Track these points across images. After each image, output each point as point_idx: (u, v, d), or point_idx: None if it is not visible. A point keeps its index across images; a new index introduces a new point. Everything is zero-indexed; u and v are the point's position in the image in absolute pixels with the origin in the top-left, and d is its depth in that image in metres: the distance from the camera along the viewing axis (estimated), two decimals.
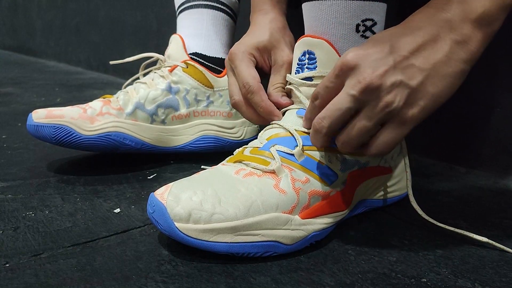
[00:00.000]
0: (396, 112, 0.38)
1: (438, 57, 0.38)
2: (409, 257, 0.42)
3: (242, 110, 0.54)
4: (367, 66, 0.38)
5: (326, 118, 0.40)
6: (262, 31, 0.55)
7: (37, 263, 0.39)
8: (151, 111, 0.65)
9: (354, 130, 0.40)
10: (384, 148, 0.40)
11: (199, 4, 0.70)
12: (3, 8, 2.53)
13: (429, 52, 0.38)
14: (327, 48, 0.45)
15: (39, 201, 0.53)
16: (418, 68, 0.38)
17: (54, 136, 0.60)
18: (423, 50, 0.38)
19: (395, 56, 0.38)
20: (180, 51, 0.68)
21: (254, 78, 0.52)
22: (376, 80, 0.37)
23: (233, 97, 0.54)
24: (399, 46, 0.38)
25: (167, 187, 0.41)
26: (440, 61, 0.38)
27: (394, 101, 0.38)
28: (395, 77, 0.38)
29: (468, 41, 0.39)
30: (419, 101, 0.39)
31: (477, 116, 0.66)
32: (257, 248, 0.40)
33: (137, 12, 1.41)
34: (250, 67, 0.53)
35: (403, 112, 0.39)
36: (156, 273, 0.38)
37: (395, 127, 0.39)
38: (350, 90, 0.38)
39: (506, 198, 0.58)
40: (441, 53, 0.38)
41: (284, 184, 0.42)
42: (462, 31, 0.38)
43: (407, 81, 0.38)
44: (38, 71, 1.74)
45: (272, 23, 0.56)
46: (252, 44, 0.54)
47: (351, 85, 0.38)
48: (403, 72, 0.38)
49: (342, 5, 0.44)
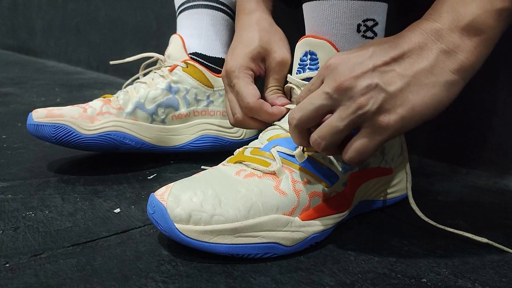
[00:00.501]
0: (369, 116, 0.37)
1: (422, 65, 0.37)
2: (409, 257, 0.42)
3: (247, 125, 0.53)
4: (345, 68, 0.38)
5: (297, 110, 0.40)
6: (251, 36, 0.55)
7: (37, 263, 0.39)
8: (151, 111, 0.65)
9: (325, 128, 0.39)
10: (356, 155, 0.39)
11: (199, 4, 0.70)
12: (3, 8, 2.53)
13: (413, 59, 0.37)
14: (329, 48, 0.45)
15: (39, 201, 0.53)
16: (399, 74, 0.37)
17: (54, 136, 0.60)
18: (406, 57, 0.37)
19: (375, 60, 0.37)
20: (180, 51, 0.68)
21: (254, 96, 0.51)
22: (350, 80, 0.37)
23: (235, 115, 0.53)
24: (382, 51, 0.38)
25: (167, 188, 0.41)
26: (424, 69, 0.37)
27: (367, 104, 0.37)
28: (371, 80, 0.37)
29: (456, 50, 0.37)
30: (397, 109, 0.37)
31: (477, 116, 0.66)
32: (257, 250, 0.40)
33: (137, 12, 1.41)
34: (248, 83, 0.53)
35: (378, 118, 0.37)
36: (156, 273, 0.38)
37: (369, 133, 0.38)
38: (325, 88, 0.38)
39: (506, 198, 0.58)
40: (426, 61, 0.37)
41: (284, 186, 0.42)
42: (450, 40, 0.37)
43: (384, 85, 0.37)
44: (38, 71, 1.74)
45: (259, 24, 0.55)
46: (245, 55, 0.54)
47: (327, 83, 0.38)
48: (381, 77, 0.37)
49: (343, 5, 0.44)
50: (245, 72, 0.53)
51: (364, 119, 0.37)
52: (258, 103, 0.51)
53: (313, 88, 0.40)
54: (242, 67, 0.53)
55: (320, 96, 0.38)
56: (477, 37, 0.37)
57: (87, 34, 1.72)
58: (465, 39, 0.37)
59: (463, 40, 0.37)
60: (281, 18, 0.62)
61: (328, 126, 0.38)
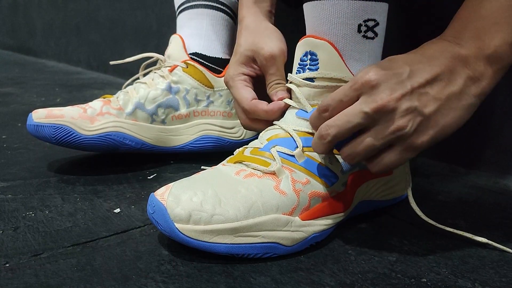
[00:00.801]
0: (406, 137, 0.39)
1: (452, 89, 0.39)
2: (409, 257, 0.42)
3: (253, 127, 0.55)
4: (386, 87, 0.38)
5: (334, 127, 0.40)
6: (238, 43, 0.57)
7: (37, 263, 0.39)
8: (151, 111, 0.65)
9: (361, 146, 0.40)
10: (386, 168, 0.41)
11: (199, 4, 0.70)
12: (3, 8, 2.53)
13: (445, 83, 0.39)
14: (329, 49, 0.45)
15: (39, 201, 0.53)
16: (433, 97, 0.39)
17: (54, 136, 0.60)
18: (439, 80, 0.39)
19: (412, 82, 0.38)
20: (180, 51, 0.68)
21: (247, 98, 0.53)
22: (392, 102, 0.38)
23: (241, 120, 0.56)
24: (418, 72, 0.39)
25: (167, 188, 0.41)
26: (454, 93, 0.39)
27: (407, 126, 0.38)
28: (411, 102, 0.38)
29: (480, 77, 0.40)
30: (429, 130, 0.39)
31: (477, 116, 0.65)
32: (257, 250, 0.40)
33: (137, 12, 1.41)
34: (241, 88, 0.55)
35: (412, 138, 0.39)
36: (156, 273, 0.38)
37: (402, 151, 0.40)
38: (364, 107, 0.38)
39: (506, 198, 0.58)
40: (456, 86, 0.39)
41: (284, 186, 0.42)
42: (476, 68, 0.39)
43: (421, 108, 0.38)
44: (38, 71, 1.74)
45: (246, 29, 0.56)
46: (235, 63, 0.56)
47: (366, 102, 0.38)
48: (418, 99, 0.38)
49: (344, 5, 0.44)
50: (238, 78, 0.55)
51: (400, 139, 0.39)
52: (252, 104, 0.52)
53: (346, 100, 0.40)
54: (233, 75, 0.56)
55: (358, 114, 0.39)
56: (497, 66, 0.40)
57: (87, 34, 1.73)
58: (488, 67, 0.40)
59: (486, 68, 0.40)
60: (281, 18, 0.62)
61: (365, 145, 0.39)
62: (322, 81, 0.45)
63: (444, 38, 0.41)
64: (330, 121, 0.40)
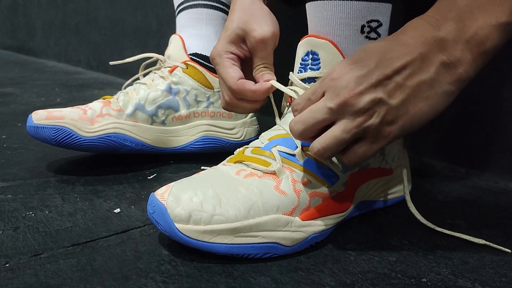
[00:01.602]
0: (373, 128, 0.38)
1: (423, 77, 0.38)
2: (409, 257, 0.42)
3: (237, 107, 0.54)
4: (348, 82, 0.38)
5: (300, 123, 0.40)
6: (230, 19, 0.55)
7: (37, 263, 0.39)
8: (151, 112, 0.65)
9: (329, 140, 0.39)
10: (359, 160, 0.40)
11: (199, 4, 0.70)
12: (3, 8, 2.53)
13: (414, 71, 0.38)
14: (331, 49, 0.45)
15: (39, 201, 0.53)
16: (400, 85, 0.38)
17: (54, 138, 0.60)
18: (408, 68, 0.38)
19: (378, 74, 0.37)
20: (180, 52, 0.68)
21: (233, 78, 0.52)
22: (354, 97, 0.37)
23: (224, 98, 0.54)
24: (385, 63, 0.38)
25: (168, 187, 0.41)
26: (424, 81, 0.38)
27: (371, 118, 0.38)
28: (375, 94, 0.37)
29: (456, 63, 0.38)
30: (398, 119, 0.38)
31: (477, 116, 0.66)
32: (257, 250, 0.40)
33: (137, 12, 1.41)
34: (227, 67, 0.53)
35: (380, 129, 0.38)
36: (156, 273, 0.38)
37: (370, 142, 0.39)
38: (328, 102, 0.38)
39: (506, 198, 0.58)
40: (427, 74, 0.38)
41: (284, 186, 0.42)
42: (452, 53, 0.38)
43: (387, 99, 0.37)
44: (38, 71, 1.74)
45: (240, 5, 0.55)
46: (224, 40, 0.54)
47: (329, 97, 0.38)
48: (384, 90, 0.37)
49: (347, 6, 0.44)
50: (225, 56, 0.54)
51: (367, 131, 0.38)
52: (239, 84, 0.51)
53: (313, 98, 0.40)
54: (222, 52, 0.54)
55: (322, 110, 0.38)
56: (478, 50, 0.37)
57: (87, 34, 1.73)
58: (466, 52, 0.37)
59: (464, 53, 0.37)
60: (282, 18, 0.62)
61: (332, 138, 0.39)
62: None
63: (425, 18, 0.40)
64: (297, 118, 0.40)
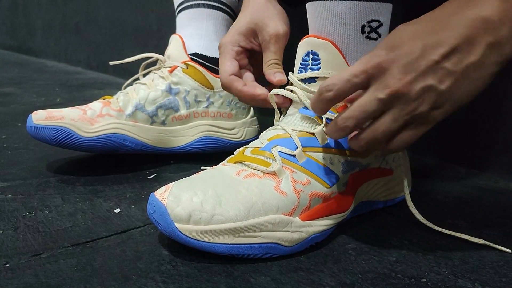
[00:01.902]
0: (421, 115, 0.38)
1: (470, 60, 0.37)
2: (409, 257, 0.42)
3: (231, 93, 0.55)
4: (397, 71, 0.37)
5: (352, 119, 0.39)
6: (243, 14, 0.56)
7: (37, 263, 0.39)
8: (151, 112, 0.65)
9: (380, 131, 0.39)
10: (403, 146, 0.40)
11: (199, 3, 0.70)
12: (3, 8, 2.53)
13: (462, 55, 0.37)
14: (331, 49, 0.45)
15: (39, 201, 0.53)
16: (449, 71, 0.37)
17: (54, 138, 0.60)
18: (456, 52, 0.37)
19: (426, 61, 0.37)
20: (180, 52, 0.68)
21: (227, 72, 0.53)
22: (405, 87, 0.37)
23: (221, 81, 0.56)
24: (431, 48, 0.37)
25: (168, 187, 0.41)
26: (471, 64, 0.37)
27: (422, 105, 0.37)
28: (425, 82, 0.37)
29: (503, 42, 0.36)
30: (444, 104, 0.38)
31: (477, 116, 0.66)
32: (257, 250, 0.40)
33: (137, 12, 1.41)
34: (227, 59, 0.54)
35: (427, 115, 0.38)
36: (156, 273, 0.38)
37: (415, 128, 0.39)
38: (378, 94, 0.37)
39: (507, 198, 0.58)
40: (474, 57, 0.37)
41: (284, 186, 0.42)
42: (499, 33, 0.36)
43: (437, 85, 0.37)
44: (38, 71, 1.74)
45: (254, 2, 0.56)
46: (235, 31, 0.55)
47: (379, 88, 0.37)
48: (433, 76, 0.37)
49: (348, 6, 0.43)
50: (230, 47, 0.55)
51: (415, 118, 0.38)
52: (228, 80, 0.53)
53: (355, 80, 0.38)
54: (229, 42, 0.55)
55: (373, 102, 0.38)
56: None
57: (87, 34, 1.72)
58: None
59: (510, 32, 0.36)
60: None
61: (384, 129, 0.39)
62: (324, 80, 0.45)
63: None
64: (347, 113, 0.39)
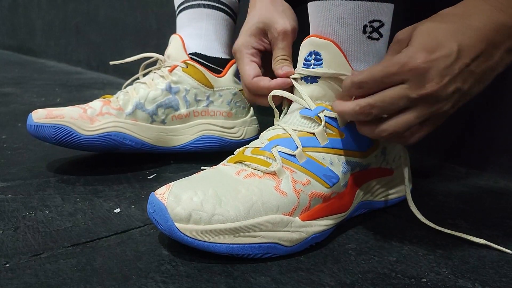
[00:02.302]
0: (443, 113, 0.39)
1: (490, 64, 0.39)
2: (409, 257, 0.42)
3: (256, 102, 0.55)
4: (435, 75, 0.37)
5: (377, 108, 0.40)
6: (252, 14, 0.56)
7: (37, 263, 0.39)
8: (151, 111, 0.65)
9: (403, 126, 0.39)
10: (414, 142, 0.41)
11: (199, 4, 0.70)
12: (3, 8, 2.53)
13: (485, 58, 0.38)
14: (333, 49, 0.45)
15: (39, 201, 0.53)
16: (471, 73, 0.38)
17: (54, 136, 0.60)
18: (481, 55, 0.38)
19: (460, 64, 0.38)
20: (180, 51, 0.68)
21: (249, 75, 0.54)
22: (440, 89, 0.38)
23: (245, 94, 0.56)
24: (465, 51, 0.38)
25: (168, 187, 0.41)
26: (490, 67, 0.39)
27: (446, 105, 0.39)
28: (456, 84, 0.38)
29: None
30: (460, 101, 0.39)
31: (477, 116, 0.66)
32: (257, 250, 0.40)
33: (137, 12, 1.41)
34: (246, 63, 0.55)
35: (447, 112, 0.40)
36: (156, 273, 0.38)
37: (432, 123, 0.40)
38: (411, 93, 0.38)
39: (507, 198, 0.58)
40: (493, 60, 0.39)
41: (284, 186, 0.42)
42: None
43: (462, 86, 0.38)
44: (38, 71, 1.74)
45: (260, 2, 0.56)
46: (246, 33, 0.56)
47: (413, 88, 0.38)
48: (461, 79, 0.38)
49: (349, 6, 0.43)
50: (246, 51, 0.55)
51: (437, 115, 0.39)
52: (253, 82, 0.53)
53: (387, 81, 0.39)
54: (243, 46, 0.55)
55: (403, 99, 0.39)
56: None
57: (87, 34, 1.72)
58: None
59: None
60: None
61: (404, 124, 0.39)
62: (326, 82, 0.45)
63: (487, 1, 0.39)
64: (374, 101, 0.40)
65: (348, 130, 0.46)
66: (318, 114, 0.45)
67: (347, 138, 0.46)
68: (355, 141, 0.47)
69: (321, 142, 0.45)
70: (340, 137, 0.46)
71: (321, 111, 0.46)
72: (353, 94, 0.41)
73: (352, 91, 0.41)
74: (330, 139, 0.45)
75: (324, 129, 0.45)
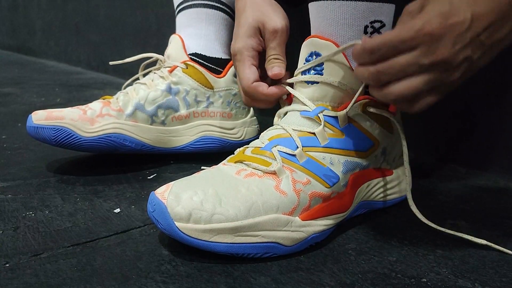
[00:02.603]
0: (451, 82, 0.39)
1: (498, 36, 0.38)
2: (409, 257, 0.42)
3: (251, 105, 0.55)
4: (448, 40, 0.37)
5: (388, 75, 0.39)
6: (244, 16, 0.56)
7: (37, 263, 0.39)
8: (151, 112, 0.65)
9: (411, 91, 0.39)
10: (421, 109, 0.41)
11: (198, 3, 0.70)
12: (3, 8, 2.53)
13: (495, 29, 0.38)
14: (334, 50, 0.45)
15: (39, 201, 0.53)
16: (481, 43, 0.38)
17: (54, 138, 0.60)
18: (491, 26, 0.38)
19: (471, 33, 0.37)
20: (179, 52, 0.68)
21: (248, 79, 0.52)
22: (451, 56, 0.37)
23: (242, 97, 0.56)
24: (478, 20, 0.38)
25: (168, 186, 0.41)
26: (498, 39, 0.38)
27: (455, 74, 0.38)
28: (466, 53, 0.38)
29: None
30: (468, 72, 0.39)
31: (477, 115, 0.66)
32: (257, 249, 0.40)
33: (137, 12, 1.41)
34: (246, 66, 0.54)
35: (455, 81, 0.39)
36: (156, 273, 0.38)
37: (440, 90, 0.40)
38: (423, 59, 0.38)
39: (507, 198, 0.58)
40: (502, 33, 0.38)
41: (284, 186, 0.42)
42: None
43: (472, 55, 0.38)
44: (38, 71, 1.74)
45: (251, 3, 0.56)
46: (243, 35, 0.55)
47: (425, 54, 0.38)
48: (472, 48, 0.38)
49: (350, 6, 0.43)
50: (246, 54, 0.54)
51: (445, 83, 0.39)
52: (252, 87, 0.52)
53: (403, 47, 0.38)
54: (244, 49, 0.54)
55: (414, 66, 0.38)
56: None
57: (87, 34, 1.72)
58: None
59: None
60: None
61: (412, 88, 0.39)
62: (326, 85, 0.45)
63: None
64: (383, 68, 0.39)
65: (348, 130, 0.46)
66: (318, 114, 0.46)
67: (347, 138, 0.46)
68: (356, 141, 0.47)
69: (321, 142, 0.45)
70: (341, 137, 0.46)
71: (321, 111, 0.46)
72: (364, 60, 0.40)
73: (363, 58, 0.40)
74: (331, 139, 0.45)
75: (324, 129, 0.45)
